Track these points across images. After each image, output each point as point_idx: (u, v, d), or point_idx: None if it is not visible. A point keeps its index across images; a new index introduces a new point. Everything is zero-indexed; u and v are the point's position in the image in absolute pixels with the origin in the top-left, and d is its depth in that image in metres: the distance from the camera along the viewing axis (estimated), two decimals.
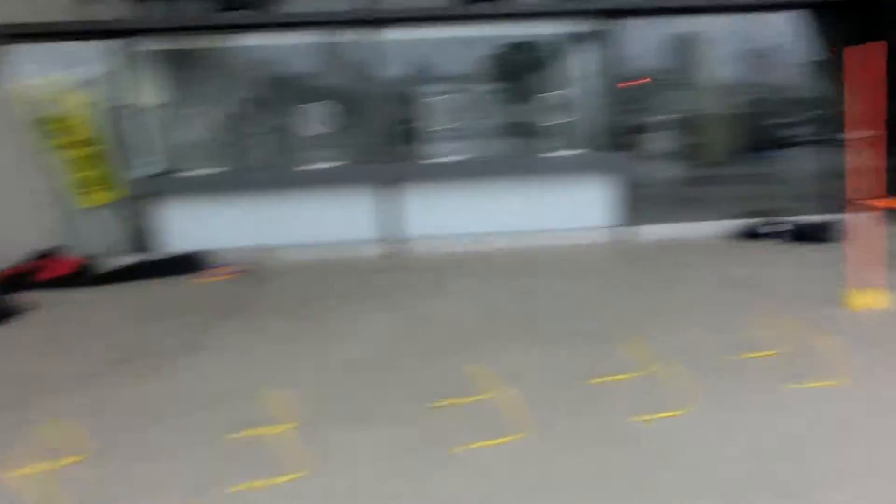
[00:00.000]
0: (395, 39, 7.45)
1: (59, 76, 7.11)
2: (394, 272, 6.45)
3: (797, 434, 3.05)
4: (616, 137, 7.69)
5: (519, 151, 7.98)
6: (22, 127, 7.08)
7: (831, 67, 7.87)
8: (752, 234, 7.50)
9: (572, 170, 7.58)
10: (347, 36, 7.42)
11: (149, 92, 7.42)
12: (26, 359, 4.54)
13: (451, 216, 7.52)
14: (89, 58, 7.23)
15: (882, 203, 5.09)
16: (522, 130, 8.10)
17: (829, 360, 3.69)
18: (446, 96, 7.58)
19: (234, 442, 3.14)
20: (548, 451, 2.95)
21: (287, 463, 2.80)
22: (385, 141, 7.48)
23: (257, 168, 7.73)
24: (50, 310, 5.76)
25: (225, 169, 7.43)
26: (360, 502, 2.61)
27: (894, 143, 7.77)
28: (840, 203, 7.94)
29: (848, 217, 7.61)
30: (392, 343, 4.46)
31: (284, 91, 7.91)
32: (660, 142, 8.36)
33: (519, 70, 8.02)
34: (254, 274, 6.76)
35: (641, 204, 7.95)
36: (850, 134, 6.33)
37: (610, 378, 3.71)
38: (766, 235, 7.36)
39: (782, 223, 7.43)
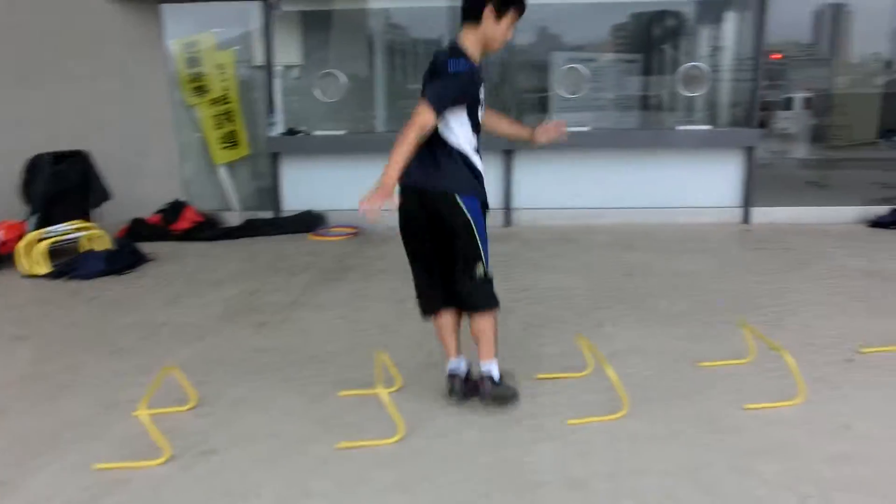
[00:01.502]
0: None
1: (205, 35, 7.48)
2: (507, 242, 6.47)
3: None
4: (749, 113, 7.27)
5: (645, 124, 7.71)
6: (173, 83, 7.55)
7: None
8: (887, 223, 6.97)
9: (699, 145, 7.25)
10: None
11: (286, 52, 7.67)
12: (146, 307, 4.86)
13: (565, 188, 7.38)
14: (233, 18, 7.54)
15: None
16: (651, 103, 7.82)
17: None
18: (575, 65, 7.37)
19: (342, 399, 3.27)
20: (648, 435, 2.89)
21: (390, 425, 2.89)
22: (507, 109, 7.43)
23: (381, 132, 7.88)
24: (173, 261, 6.16)
25: (349, 132, 7.60)
26: (458, 468, 2.66)
27: None
28: None
29: None
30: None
31: (415, 56, 7.99)
32: (791, 120, 7.87)
33: (651, 40, 7.72)
34: (367, 236, 6.95)
35: (767, 185, 7.54)
36: None
37: (720, 363, 3.58)
38: None
39: None
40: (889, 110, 7.92)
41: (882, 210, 7.14)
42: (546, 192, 7.33)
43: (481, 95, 2.90)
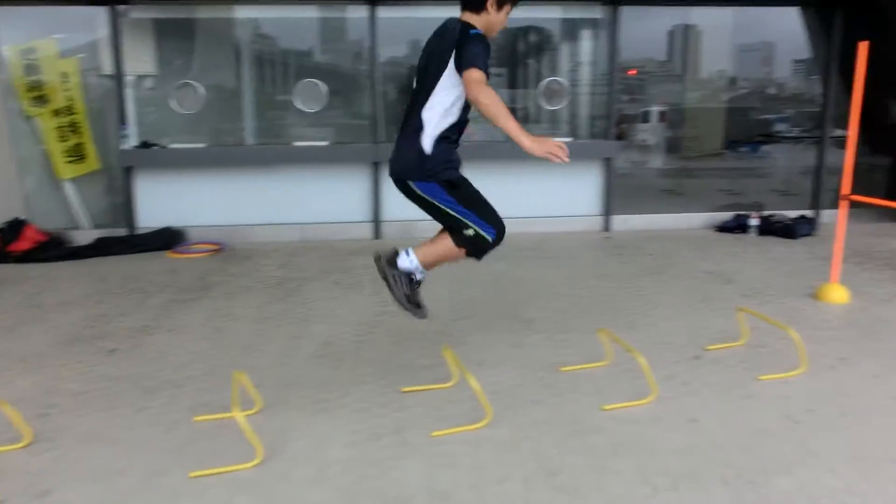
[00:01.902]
0: (392, 17, 7.33)
1: (45, 41, 6.95)
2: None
3: (757, 426, 3.07)
4: (606, 126, 7.66)
5: (509, 136, 7.90)
6: (8, 92, 6.94)
7: (828, 64, 7.92)
8: (731, 228, 7.56)
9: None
10: (346, 11, 7.32)
11: (138, 61, 7.26)
12: None
13: None
14: (78, 24, 7.07)
15: (872, 200, 5.16)
16: (516, 116, 8.01)
17: (796, 352, 3.73)
18: None
19: (196, 425, 3.11)
20: (511, 441, 2.95)
21: (248, 449, 2.78)
22: (376, 121, 7.39)
23: (242, 144, 7.63)
24: (12, 285, 5.67)
25: (207, 144, 7.32)
26: (321, 489, 2.60)
27: (874, 143, 7.94)
28: (821, 199, 8.08)
29: (826, 213, 7.75)
30: (364, 326, 4.44)
31: (277, 66, 7.79)
32: (647, 132, 8.37)
33: (515, 55, 7.94)
34: (230, 252, 6.70)
35: (625, 194, 7.97)
36: (839, 131, 6.42)
37: (579, 367, 3.72)
38: (746, 229, 7.42)
39: (763, 217, 7.48)
40: (734, 123, 8.60)
41: (727, 216, 7.74)
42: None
43: None
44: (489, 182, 7.55)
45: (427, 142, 3.13)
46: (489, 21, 3.16)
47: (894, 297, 5.07)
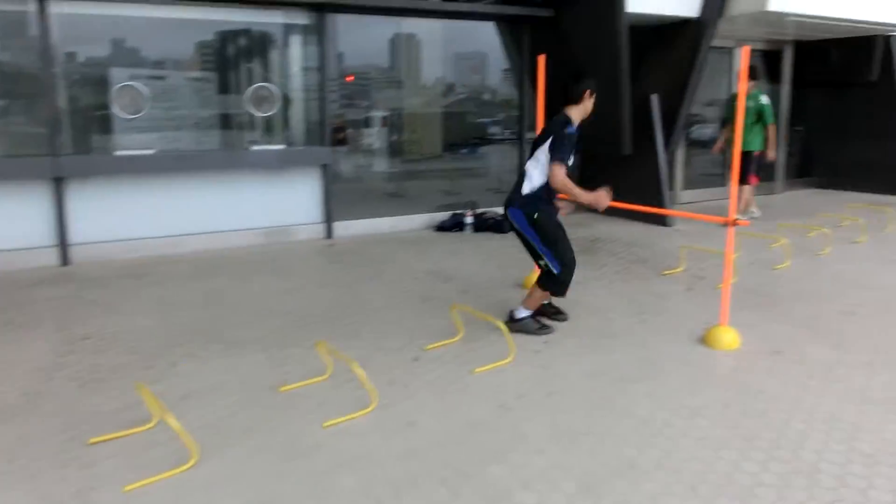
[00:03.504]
0: (80, 14, 6.51)
1: None
2: (61, 284, 5.65)
3: (472, 418, 3.22)
4: (324, 132, 7.61)
5: (221, 145, 7.49)
6: None
7: (521, 73, 8.70)
8: (449, 227, 7.97)
9: (276, 165, 7.34)
10: (12, 3, 6.31)
11: None
12: None
13: (137, 217, 6.79)
14: None
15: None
16: (226, 123, 7.61)
17: (505, 341, 4.00)
18: (140, 82, 6.76)
19: None
20: (222, 478, 2.74)
21: None
22: (58, 130, 6.49)
23: None
24: None
25: None
26: None
27: None
28: None
29: None
30: (41, 373, 3.87)
31: None
32: (370, 137, 8.49)
33: (226, 59, 7.53)
34: None
35: (348, 199, 8.02)
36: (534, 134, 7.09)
37: (300, 384, 3.61)
38: (463, 227, 7.88)
39: (477, 215, 8.01)
40: (452, 127, 9.11)
41: (444, 216, 8.16)
42: (112, 223, 6.66)
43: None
44: (201, 193, 7.21)
45: (527, 186, 4.31)
46: (586, 109, 4.41)
47: (588, 279, 5.70)
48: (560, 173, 4.14)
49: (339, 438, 3.05)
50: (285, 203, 7.48)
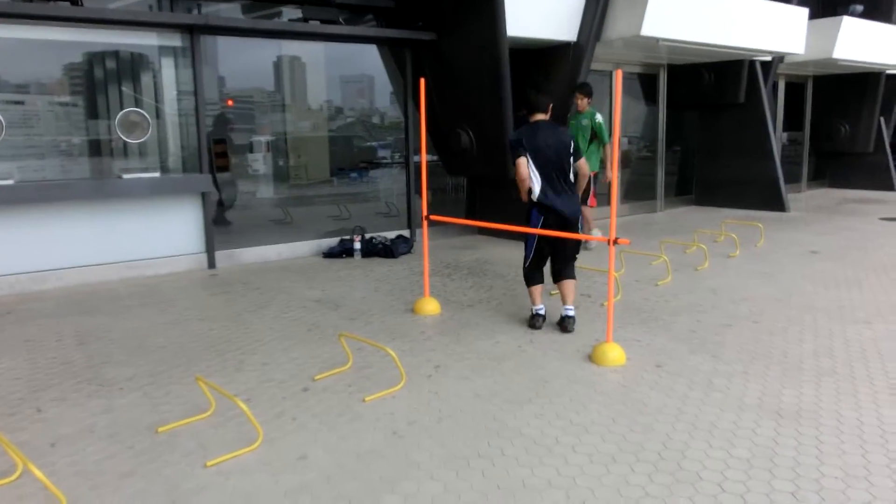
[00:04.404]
0: None
1: None
2: None
3: (365, 448, 3.22)
4: (203, 158, 7.40)
5: (90, 173, 7.14)
6: None
7: (406, 96, 8.82)
8: (338, 253, 7.95)
9: (151, 193, 7.08)
10: None
11: None
12: None
13: None
14: None
15: (446, 219, 5.87)
16: (97, 150, 7.25)
17: (396, 367, 4.02)
18: None
19: None
20: None
21: None
22: None
23: None
24: None
25: None
26: None
27: (450, 166, 9.11)
28: (413, 219, 8.98)
29: (419, 232, 8.64)
30: None
31: None
32: (254, 162, 8.34)
33: (96, 82, 7.18)
34: None
35: (231, 227, 7.85)
36: (420, 157, 7.18)
37: (180, 423, 3.49)
38: (352, 252, 7.87)
39: (366, 240, 8.02)
40: (340, 151, 9.09)
41: (333, 242, 8.13)
42: None
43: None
44: (70, 225, 6.86)
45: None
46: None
47: (476, 301, 5.83)
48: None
49: (225, 478, 2.97)
50: (163, 233, 7.23)
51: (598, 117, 7.81)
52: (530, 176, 4.86)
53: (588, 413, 3.61)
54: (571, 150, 4.93)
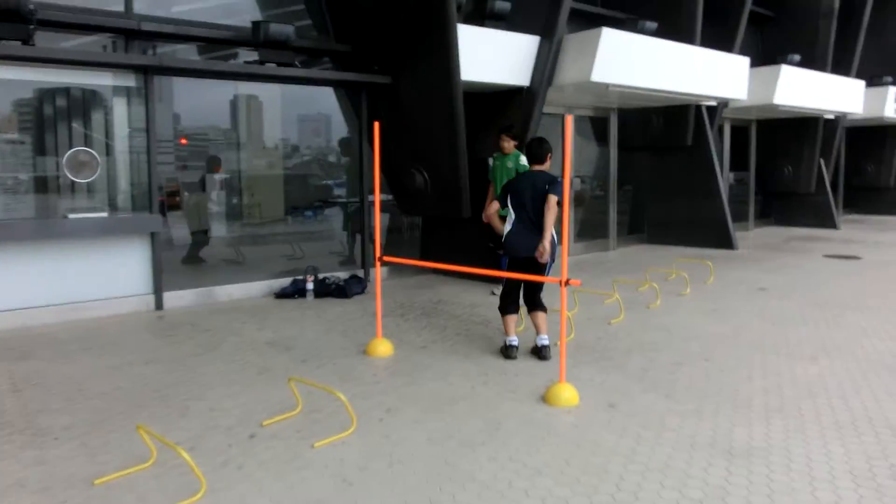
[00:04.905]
0: None
1: None
2: None
3: (313, 497, 3.11)
4: (153, 198, 7.23)
5: (35, 212, 6.91)
6: None
7: (361, 137, 8.82)
8: (290, 293, 7.81)
9: (97, 234, 6.88)
10: None
11: None
12: None
13: None
14: None
15: (399, 260, 5.82)
16: (42, 188, 7.04)
17: (347, 411, 3.92)
18: None
19: None
20: None
21: None
22: None
23: None
24: None
25: None
26: None
27: (404, 206, 9.08)
28: (368, 259, 8.90)
29: (373, 272, 8.56)
30: None
31: None
32: (205, 202, 8.19)
33: (44, 120, 7.01)
34: None
35: (181, 267, 7.66)
36: (373, 197, 7.14)
37: (118, 474, 3.33)
38: (304, 293, 7.75)
39: (319, 280, 7.91)
40: (295, 189, 9.00)
41: (285, 282, 8.00)
42: None
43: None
44: (9, 265, 6.61)
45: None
46: (548, 168, 5.37)
47: (430, 342, 5.77)
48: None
49: None
50: (109, 274, 7.01)
51: (523, 159, 7.21)
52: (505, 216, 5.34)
53: (541, 455, 3.56)
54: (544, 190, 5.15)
